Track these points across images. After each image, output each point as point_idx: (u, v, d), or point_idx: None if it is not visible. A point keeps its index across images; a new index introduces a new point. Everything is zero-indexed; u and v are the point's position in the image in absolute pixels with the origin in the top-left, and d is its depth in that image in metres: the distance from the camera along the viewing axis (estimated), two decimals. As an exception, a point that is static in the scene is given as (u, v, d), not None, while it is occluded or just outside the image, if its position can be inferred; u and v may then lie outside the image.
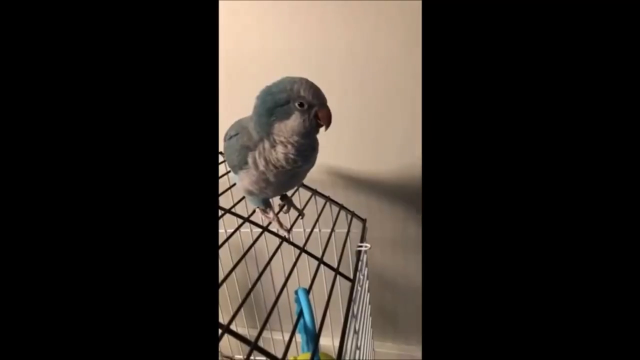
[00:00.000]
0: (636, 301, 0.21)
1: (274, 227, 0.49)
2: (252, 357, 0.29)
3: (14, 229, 0.22)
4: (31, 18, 0.23)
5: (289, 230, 0.48)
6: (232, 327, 0.32)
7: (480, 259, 0.24)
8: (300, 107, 0.38)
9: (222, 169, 0.55)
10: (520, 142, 0.23)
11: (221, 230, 0.67)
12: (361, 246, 0.54)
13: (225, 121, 0.46)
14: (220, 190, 0.53)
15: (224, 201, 0.51)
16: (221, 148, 0.49)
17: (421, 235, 0.34)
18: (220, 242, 0.41)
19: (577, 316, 0.22)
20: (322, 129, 0.41)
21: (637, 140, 0.22)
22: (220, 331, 0.31)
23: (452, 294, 0.24)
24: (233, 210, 0.49)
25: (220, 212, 0.47)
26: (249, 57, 0.67)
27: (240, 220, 0.47)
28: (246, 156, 0.42)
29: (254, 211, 0.50)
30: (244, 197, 0.51)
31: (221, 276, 0.35)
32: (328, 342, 0.74)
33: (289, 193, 0.54)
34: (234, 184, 0.50)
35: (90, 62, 0.23)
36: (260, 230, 0.48)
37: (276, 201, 0.53)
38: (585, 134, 0.22)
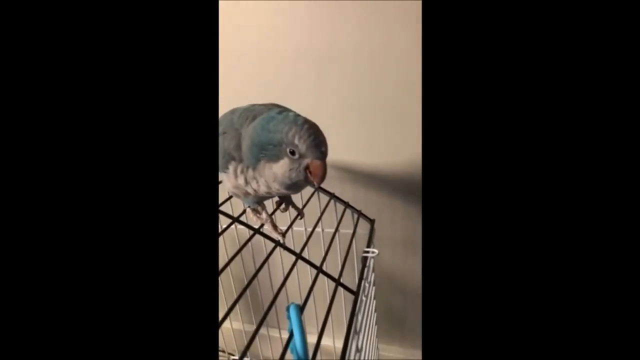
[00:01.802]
0: (636, 301, 0.22)
1: (268, 228, 0.43)
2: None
3: (14, 230, 0.22)
4: (31, 17, 0.22)
5: (283, 234, 0.42)
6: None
7: (480, 261, 0.23)
8: (292, 154, 0.33)
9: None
10: (520, 141, 0.23)
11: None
12: (367, 252, 0.48)
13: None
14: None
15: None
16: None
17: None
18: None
19: (579, 319, 0.22)
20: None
21: (637, 140, 0.22)
22: None
23: (452, 297, 0.24)
24: (223, 208, 0.43)
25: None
26: (251, 53, 0.64)
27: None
28: (228, 162, 0.37)
29: (244, 210, 0.44)
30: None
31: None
32: (329, 342, 0.70)
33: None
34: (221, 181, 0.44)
35: (90, 60, 0.23)
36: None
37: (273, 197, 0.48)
38: (585, 126, 0.22)
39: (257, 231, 0.42)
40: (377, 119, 0.63)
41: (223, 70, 0.63)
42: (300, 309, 0.35)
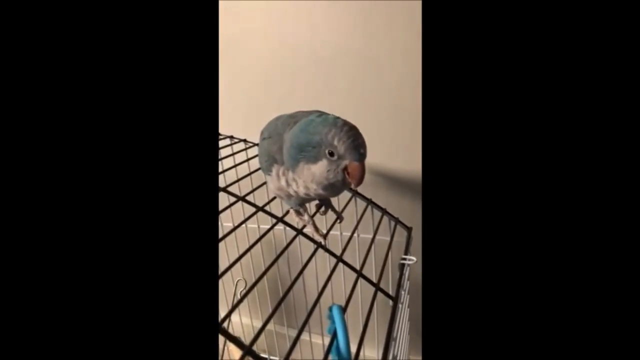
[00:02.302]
0: (636, 301, 0.22)
1: (309, 230, 0.44)
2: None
3: (14, 228, 0.22)
4: (32, 17, 0.22)
5: (324, 236, 0.43)
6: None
7: (480, 262, 0.24)
8: (330, 155, 0.33)
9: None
10: (520, 142, 0.23)
11: (254, 226, 0.64)
12: (405, 259, 0.48)
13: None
14: (255, 185, 0.50)
15: (259, 197, 0.48)
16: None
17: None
18: (254, 238, 0.40)
19: (578, 324, 0.22)
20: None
21: (637, 140, 0.22)
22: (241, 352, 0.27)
23: (451, 299, 0.24)
24: (267, 208, 0.45)
25: (253, 210, 0.44)
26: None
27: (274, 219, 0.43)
28: (271, 165, 0.39)
29: (288, 211, 0.46)
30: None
31: (252, 271, 0.38)
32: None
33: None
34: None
35: (92, 53, 0.23)
36: (294, 232, 0.44)
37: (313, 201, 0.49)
38: (584, 128, 0.22)
39: (300, 232, 0.43)
40: (410, 123, 0.62)
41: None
42: (343, 309, 0.36)
